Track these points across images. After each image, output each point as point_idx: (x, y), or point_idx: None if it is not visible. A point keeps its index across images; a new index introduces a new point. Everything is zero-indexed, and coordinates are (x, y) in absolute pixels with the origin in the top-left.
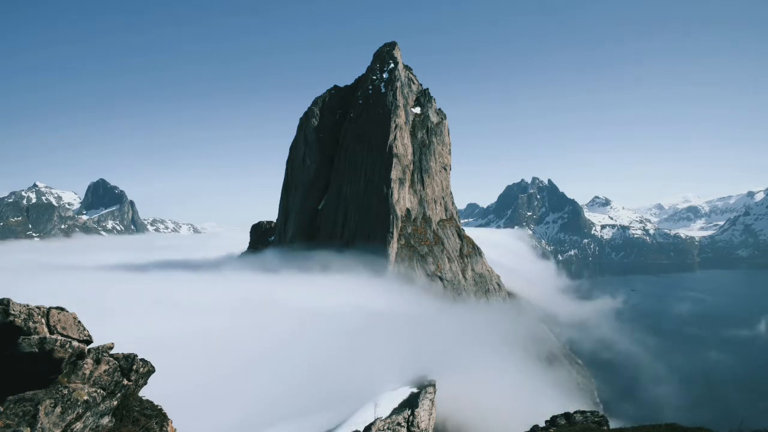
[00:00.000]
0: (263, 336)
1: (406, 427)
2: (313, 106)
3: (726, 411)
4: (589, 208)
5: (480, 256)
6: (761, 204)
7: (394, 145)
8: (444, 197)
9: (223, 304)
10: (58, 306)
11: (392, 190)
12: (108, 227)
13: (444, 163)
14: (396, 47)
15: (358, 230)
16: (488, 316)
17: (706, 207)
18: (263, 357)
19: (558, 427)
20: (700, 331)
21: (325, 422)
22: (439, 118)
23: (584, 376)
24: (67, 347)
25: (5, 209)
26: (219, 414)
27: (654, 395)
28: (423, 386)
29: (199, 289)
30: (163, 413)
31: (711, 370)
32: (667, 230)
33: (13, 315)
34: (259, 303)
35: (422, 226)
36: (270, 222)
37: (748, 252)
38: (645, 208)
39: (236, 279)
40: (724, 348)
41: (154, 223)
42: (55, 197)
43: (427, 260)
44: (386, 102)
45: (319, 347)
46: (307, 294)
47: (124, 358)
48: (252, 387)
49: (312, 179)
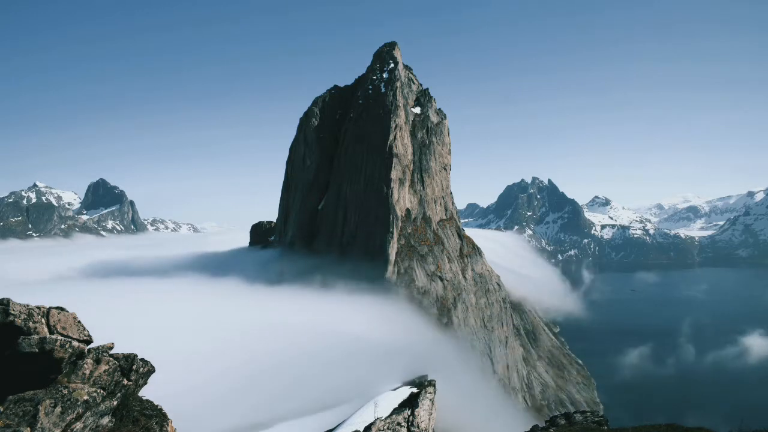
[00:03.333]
0: (263, 336)
1: (406, 427)
2: (313, 106)
3: (726, 411)
4: (589, 208)
5: (480, 256)
6: (761, 204)
7: (394, 145)
8: (444, 197)
9: (223, 304)
10: (58, 306)
11: (392, 190)
12: (108, 227)
13: (444, 163)
14: (396, 47)
15: (357, 230)
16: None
17: (706, 207)
18: (263, 357)
19: (558, 427)
20: (700, 332)
21: (324, 422)
22: (439, 118)
23: (584, 376)
24: (67, 347)
25: (5, 209)
26: (219, 414)
27: (654, 395)
28: (423, 386)
29: (199, 290)
30: (163, 413)
31: (711, 370)
32: (667, 230)
33: (13, 315)
34: (257, 304)
35: (422, 226)
36: (270, 222)
37: (748, 252)
38: (645, 208)
39: (236, 281)
40: (723, 348)
41: (154, 223)
42: (55, 197)
43: (427, 260)
44: (386, 102)
45: (319, 348)
46: (304, 297)
47: (124, 358)
48: (252, 387)
49: (312, 179)
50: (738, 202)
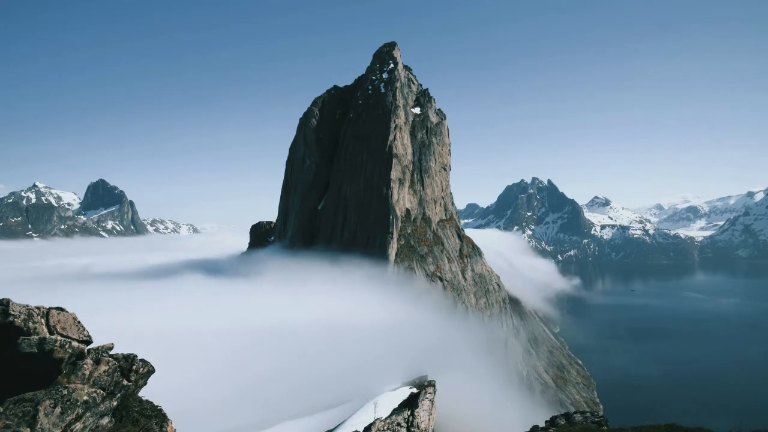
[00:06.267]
0: (262, 337)
1: (406, 428)
2: (312, 106)
3: (726, 411)
4: (589, 208)
5: (480, 256)
6: (761, 204)
7: (394, 146)
8: (444, 197)
9: (223, 305)
10: (58, 306)
11: (392, 190)
12: (108, 227)
13: (444, 163)
14: (396, 47)
15: (357, 230)
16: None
17: (706, 207)
18: (262, 358)
19: (558, 428)
20: (700, 332)
21: (324, 422)
22: (439, 119)
23: (584, 376)
24: (66, 347)
25: (5, 209)
26: (218, 415)
27: (653, 395)
28: (423, 386)
29: (199, 291)
30: (162, 414)
31: (710, 370)
32: (666, 230)
33: (12, 315)
34: (258, 304)
35: (422, 226)
36: (270, 222)
37: (747, 252)
38: (645, 208)
39: (237, 282)
40: (724, 348)
41: (154, 223)
42: (54, 197)
43: (427, 260)
44: (386, 102)
45: (318, 348)
46: (305, 297)
47: (124, 359)
48: (252, 387)
49: (312, 179)
50: (738, 202)
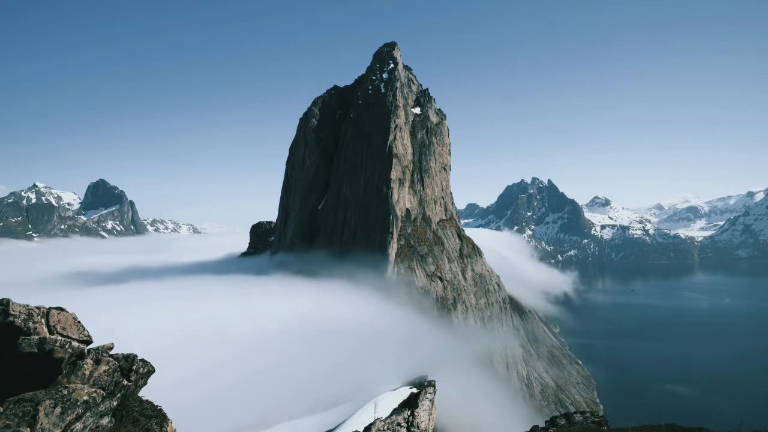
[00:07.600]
0: (262, 337)
1: (406, 428)
2: (312, 106)
3: (726, 411)
4: (589, 208)
5: (480, 256)
6: (761, 204)
7: (394, 146)
8: (444, 197)
9: (223, 305)
10: (58, 306)
11: (392, 190)
12: (108, 227)
13: (444, 163)
14: (396, 47)
15: (357, 230)
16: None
17: (706, 207)
18: (262, 358)
19: (558, 428)
20: (700, 332)
21: (324, 422)
22: (439, 119)
23: (584, 376)
24: (66, 347)
25: (5, 209)
26: (218, 414)
27: (654, 395)
28: (423, 386)
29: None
30: (162, 413)
31: (711, 370)
32: (666, 230)
33: (13, 315)
34: (257, 304)
35: (422, 226)
36: (270, 222)
37: (747, 252)
38: (645, 208)
39: (237, 282)
40: (724, 348)
41: (154, 223)
42: (54, 197)
43: (427, 260)
44: (386, 102)
45: (318, 348)
46: (304, 297)
47: (124, 359)
48: (252, 388)
49: (312, 179)
50: (738, 202)
